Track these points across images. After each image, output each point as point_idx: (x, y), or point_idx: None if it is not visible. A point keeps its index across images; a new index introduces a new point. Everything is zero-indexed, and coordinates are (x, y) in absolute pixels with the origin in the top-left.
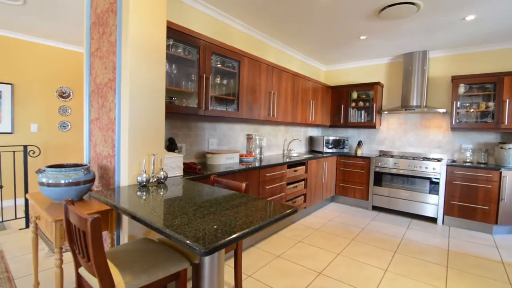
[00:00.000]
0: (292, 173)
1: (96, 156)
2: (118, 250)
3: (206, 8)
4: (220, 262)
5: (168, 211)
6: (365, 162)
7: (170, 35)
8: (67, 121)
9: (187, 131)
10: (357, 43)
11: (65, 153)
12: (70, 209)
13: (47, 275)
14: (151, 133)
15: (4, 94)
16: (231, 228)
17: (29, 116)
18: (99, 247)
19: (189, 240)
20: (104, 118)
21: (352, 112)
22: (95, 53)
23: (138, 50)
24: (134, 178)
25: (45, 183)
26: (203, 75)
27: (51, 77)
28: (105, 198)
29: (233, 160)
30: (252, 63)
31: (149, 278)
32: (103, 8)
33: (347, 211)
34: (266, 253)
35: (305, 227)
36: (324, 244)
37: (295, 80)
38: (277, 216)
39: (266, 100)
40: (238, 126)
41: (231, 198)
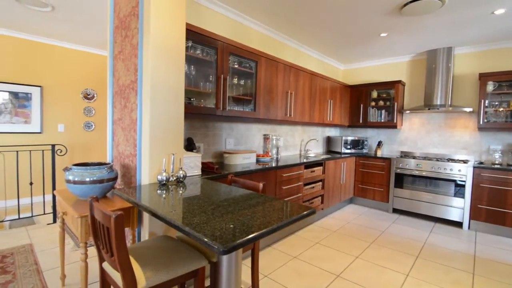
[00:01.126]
0: (309, 173)
1: (119, 155)
2: (139, 246)
3: (224, 9)
4: (237, 261)
5: (188, 210)
6: (386, 163)
7: (189, 37)
8: (91, 122)
9: (205, 131)
10: (377, 41)
11: (90, 152)
12: (95, 206)
13: (73, 268)
14: (171, 133)
15: (34, 96)
16: (248, 228)
17: (57, 117)
18: (122, 243)
19: (208, 239)
20: (126, 118)
21: (371, 111)
22: (118, 56)
23: (159, 52)
24: (155, 177)
25: (71, 180)
26: (220, 76)
27: (76, 79)
28: (127, 196)
29: (250, 160)
30: (269, 63)
31: (168, 274)
32: (125, 12)
33: (366, 213)
34: (283, 253)
35: (323, 229)
36: (342, 246)
37: (313, 79)
38: (295, 217)
39: (283, 100)
40: (255, 126)
41: (248, 198)
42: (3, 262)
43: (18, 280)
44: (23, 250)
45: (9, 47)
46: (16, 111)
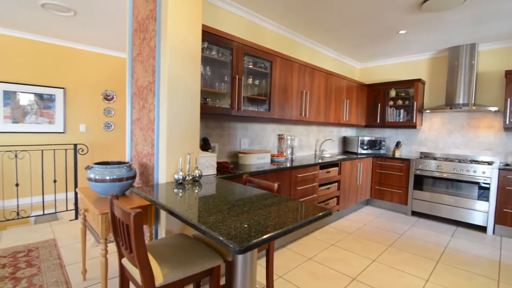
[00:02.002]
0: (325, 174)
1: (137, 154)
2: (156, 243)
3: (239, 10)
4: (253, 261)
5: (203, 209)
6: (404, 164)
7: (204, 38)
8: (111, 122)
9: (220, 131)
10: (396, 38)
11: (109, 151)
12: (115, 203)
13: (93, 263)
14: (187, 133)
15: (58, 97)
16: (264, 228)
17: (79, 117)
18: (141, 240)
19: (224, 238)
20: (144, 118)
21: (389, 111)
22: (137, 58)
23: (176, 54)
24: (171, 176)
25: (92, 178)
26: (235, 76)
27: (97, 81)
28: (145, 194)
29: (264, 160)
30: (284, 62)
31: (185, 272)
32: (143, 15)
33: (383, 215)
34: (298, 254)
35: (338, 230)
36: (359, 249)
37: (328, 78)
38: (311, 218)
39: (298, 99)
40: (269, 126)
41: (263, 198)
42: (29, 256)
43: (43, 273)
44: (47, 244)
45: (35, 51)
46: (41, 111)
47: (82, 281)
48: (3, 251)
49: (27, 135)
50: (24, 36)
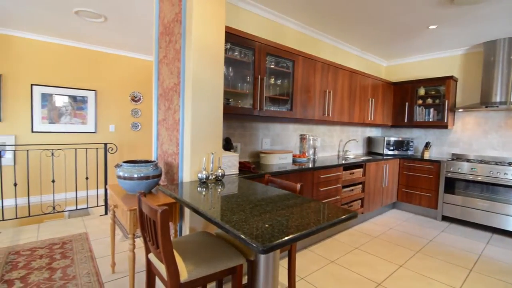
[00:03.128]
0: (348, 175)
1: (163, 153)
2: (181, 240)
3: (261, 10)
4: (275, 261)
5: (227, 207)
6: (434, 166)
7: (227, 39)
8: (138, 122)
9: (242, 131)
10: (425, 34)
11: (136, 150)
12: (142, 201)
13: (121, 257)
14: (211, 133)
15: (89, 99)
16: (287, 229)
17: (108, 118)
18: (167, 236)
19: (247, 237)
20: (169, 119)
21: (418, 110)
22: (163, 60)
23: (200, 56)
24: (195, 175)
25: (121, 176)
26: (258, 76)
27: (125, 83)
28: (171, 192)
29: (286, 160)
30: (307, 61)
31: (208, 269)
32: (169, 19)
33: (411, 219)
34: (320, 257)
35: (362, 234)
36: (384, 253)
37: (353, 77)
38: (335, 220)
39: (321, 99)
40: (291, 126)
41: (285, 198)
42: (63, 248)
43: (76, 265)
44: (79, 238)
45: (69, 55)
46: (74, 113)
47: (111, 274)
48: (41, 243)
49: (62, 134)
50: (59, 42)
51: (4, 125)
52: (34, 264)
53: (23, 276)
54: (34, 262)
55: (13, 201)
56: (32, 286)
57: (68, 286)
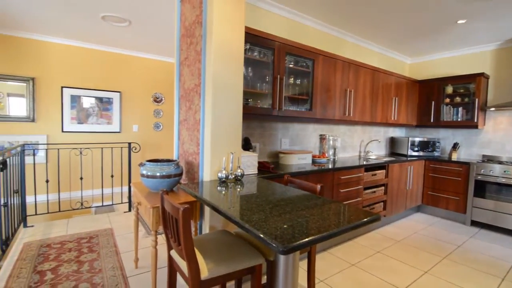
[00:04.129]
0: (370, 177)
1: (184, 153)
2: (201, 238)
3: (280, 9)
4: (295, 262)
5: (246, 207)
6: (463, 169)
7: (247, 40)
8: (159, 122)
9: (261, 131)
10: (453, 29)
11: (158, 149)
12: (165, 198)
13: (144, 253)
14: (230, 133)
15: (115, 100)
16: (308, 230)
17: (132, 118)
18: (188, 234)
19: (268, 237)
20: (190, 119)
21: (445, 109)
22: (184, 62)
23: (220, 57)
24: (215, 174)
25: (145, 174)
26: (277, 76)
27: (148, 84)
28: (192, 191)
29: (305, 161)
30: (327, 60)
31: (228, 268)
32: (190, 21)
33: (437, 224)
34: (340, 259)
35: (384, 237)
36: (408, 258)
37: (375, 75)
38: (358, 222)
39: (341, 98)
40: (311, 126)
41: (305, 199)
42: (90, 242)
43: (102, 259)
44: (105, 233)
45: (95, 58)
46: (101, 113)
47: (135, 269)
48: (70, 237)
49: (89, 134)
50: (86, 46)
51: (37, 125)
52: (63, 256)
53: (54, 268)
54: (64, 255)
55: (45, 196)
56: (62, 278)
57: (95, 279)
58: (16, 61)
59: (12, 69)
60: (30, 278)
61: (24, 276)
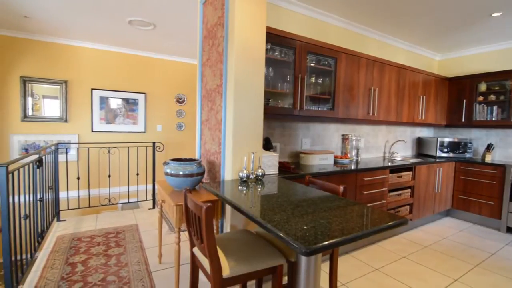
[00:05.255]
0: (396, 179)
1: (206, 152)
2: (223, 237)
3: (302, 8)
4: (317, 264)
5: (268, 207)
6: (498, 171)
7: (268, 40)
8: (182, 122)
9: (282, 131)
10: (487, 23)
11: (181, 149)
12: (188, 197)
13: (167, 249)
14: (251, 133)
15: (140, 101)
16: (331, 232)
17: (156, 118)
18: (211, 232)
19: (290, 238)
20: (212, 119)
21: (478, 108)
22: (206, 63)
23: (242, 58)
24: (236, 174)
25: (168, 173)
26: (298, 75)
27: (171, 86)
28: (214, 190)
29: (327, 161)
30: (350, 58)
31: (249, 267)
32: (212, 23)
33: (468, 229)
34: (363, 263)
35: (411, 242)
36: (436, 265)
37: (401, 73)
38: (384, 225)
39: (365, 97)
40: (333, 126)
41: (328, 200)
42: (117, 237)
43: (128, 253)
44: (131, 228)
45: (122, 61)
46: (127, 114)
47: (158, 264)
48: (98, 231)
49: (116, 134)
50: (113, 50)
51: (69, 126)
52: (93, 250)
53: (84, 260)
54: (93, 248)
55: (76, 193)
56: (91, 270)
57: (121, 272)
58: (51, 65)
59: (47, 73)
60: (63, 269)
61: (57, 267)
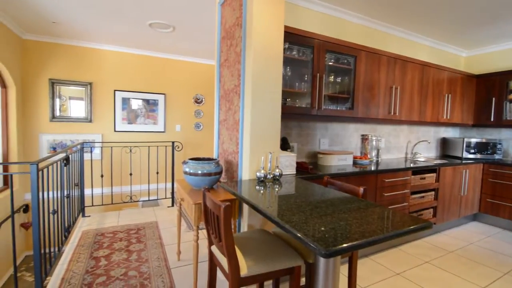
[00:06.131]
0: (418, 180)
1: (223, 152)
2: (240, 236)
3: (321, 6)
4: (336, 266)
5: (286, 207)
6: None
7: (286, 39)
8: (200, 122)
9: (299, 131)
10: None
11: (199, 148)
12: (207, 195)
13: (186, 246)
14: (269, 133)
15: (160, 102)
16: (351, 234)
17: (175, 119)
18: (229, 231)
19: (309, 239)
20: (230, 119)
21: (509, 106)
22: (224, 63)
23: (259, 58)
24: (254, 173)
25: (187, 172)
26: (316, 75)
27: (189, 86)
28: (231, 189)
29: (346, 162)
30: (370, 56)
31: (267, 267)
32: (230, 23)
33: (497, 235)
34: (383, 267)
35: (434, 246)
36: (462, 271)
37: (424, 70)
38: (407, 228)
39: (386, 96)
40: (352, 125)
41: (347, 202)
42: (138, 234)
43: (148, 249)
44: (151, 225)
45: (143, 63)
46: (147, 114)
47: (177, 261)
48: (120, 227)
49: (137, 134)
50: (134, 52)
51: (94, 125)
52: (115, 245)
53: (107, 255)
54: (116, 243)
55: (99, 190)
56: (114, 265)
57: (142, 268)
58: (77, 67)
59: (73, 75)
60: (87, 263)
61: (82, 261)
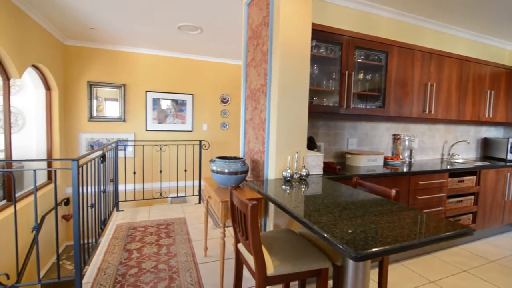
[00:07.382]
0: (456, 183)
1: (249, 151)
2: (267, 235)
3: (349, 2)
4: (365, 271)
5: (313, 208)
6: None
7: (313, 36)
8: (226, 122)
9: (326, 130)
10: None
11: (225, 147)
12: (234, 194)
13: (212, 243)
14: (295, 132)
15: (188, 102)
16: (383, 238)
17: (202, 118)
18: (256, 229)
19: (338, 241)
20: (256, 118)
21: None
22: (251, 63)
23: (286, 56)
24: (280, 173)
25: (214, 170)
26: (345, 72)
27: (216, 86)
28: (258, 188)
29: (376, 163)
30: (403, 52)
31: (293, 267)
32: (257, 23)
33: None
34: (415, 274)
35: (473, 255)
36: (505, 282)
37: (463, 66)
38: (444, 234)
39: (420, 93)
40: (382, 125)
41: (378, 204)
42: (167, 229)
43: (177, 244)
44: (179, 221)
45: (172, 64)
46: (176, 114)
47: (204, 257)
48: (151, 222)
49: (167, 133)
50: (164, 54)
51: (127, 125)
52: (146, 239)
53: (139, 248)
54: (147, 237)
55: (132, 186)
56: (145, 258)
57: (171, 262)
58: (112, 70)
59: (109, 78)
60: (121, 254)
61: (116, 252)
